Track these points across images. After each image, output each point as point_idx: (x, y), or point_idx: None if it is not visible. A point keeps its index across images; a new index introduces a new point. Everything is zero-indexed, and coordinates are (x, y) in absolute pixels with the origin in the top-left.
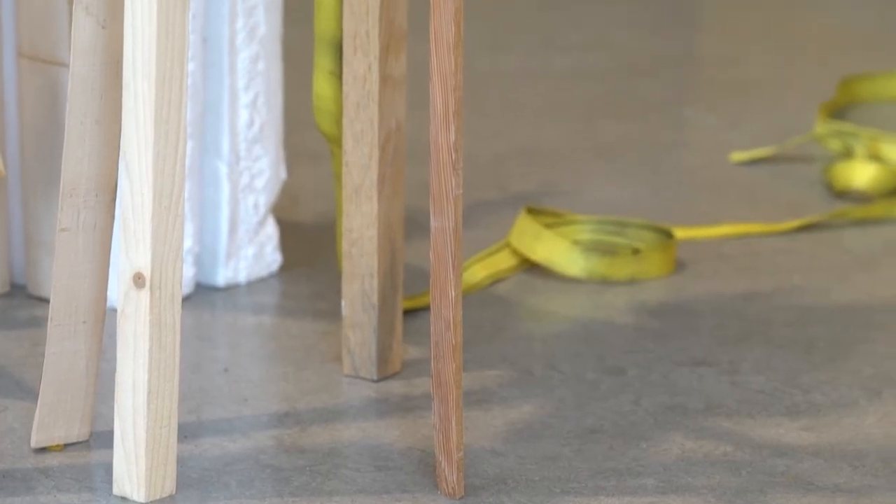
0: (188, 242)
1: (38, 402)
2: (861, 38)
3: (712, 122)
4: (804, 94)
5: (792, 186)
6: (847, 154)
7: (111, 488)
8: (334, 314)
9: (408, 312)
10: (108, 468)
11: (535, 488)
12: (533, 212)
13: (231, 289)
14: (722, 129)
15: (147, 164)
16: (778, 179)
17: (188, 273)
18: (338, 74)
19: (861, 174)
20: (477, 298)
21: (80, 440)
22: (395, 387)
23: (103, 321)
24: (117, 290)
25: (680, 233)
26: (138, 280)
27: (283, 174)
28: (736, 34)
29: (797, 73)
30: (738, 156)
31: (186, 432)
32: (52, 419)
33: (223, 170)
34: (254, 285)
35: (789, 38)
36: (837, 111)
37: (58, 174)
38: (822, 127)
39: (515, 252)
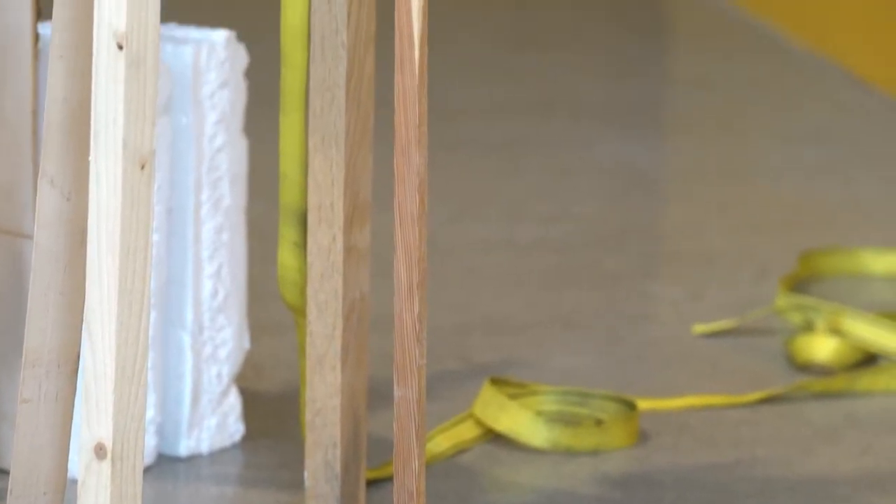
0: (150, 412)
1: None
2: (820, 211)
3: (675, 293)
4: (765, 267)
5: (754, 359)
6: (808, 327)
7: None
8: (297, 484)
9: (371, 483)
10: None
11: None
12: (497, 382)
13: (193, 459)
14: (684, 300)
15: (110, 334)
16: (740, 352)
17: (150, 443)
18: (302, 245)
19: (822, 348)
20: (441, 469)
21: None
22: None
23: (63, 493)
24: (78, 461)
25: (643, 404)
26: (99, 451)
27: (246, 344)
28: (698, 205)
29: (758, 245)
30: (700, 328)
31: None
32: None
33: (186, 340)
34: (216, 455)
35: (750, 210)
36: (798, 284)
37: (20, 345)
38: (782, 300)
39: (479, 422)
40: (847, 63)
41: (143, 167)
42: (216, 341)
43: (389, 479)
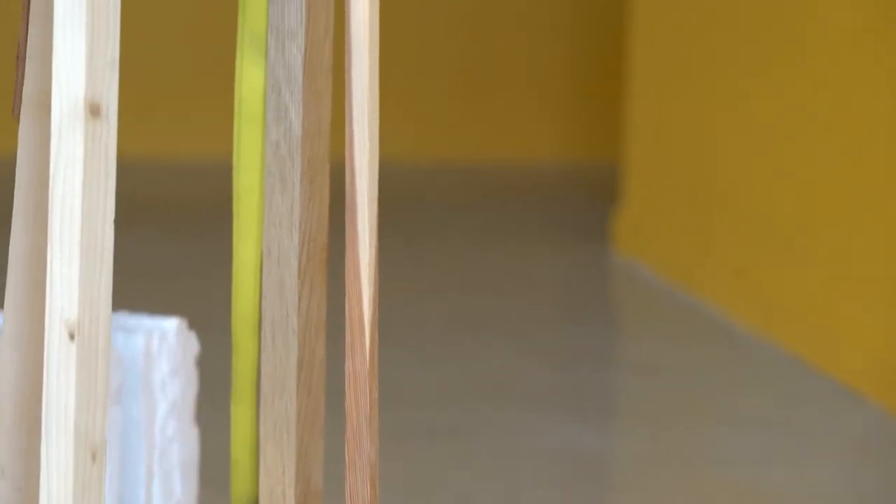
0: None
1: None
2: (773, 500)
3: None
4: None
5: None
6: None
7: None
8: None
9: None
10: None
11: None
12: None
13: None
14: None
15: None
16: None
17: None
18: None
19: None
20: None
21: None
22: None
23: None
24: None
25: None
26: None
27: None
28: (649, 494)
29: None
30: None
31: None
32: None
33: None
34: None
35: (700, 499)
36: None
37: None
38: None
39: None
40: (793, 348)
41: (94, 456)
42: None
43: None
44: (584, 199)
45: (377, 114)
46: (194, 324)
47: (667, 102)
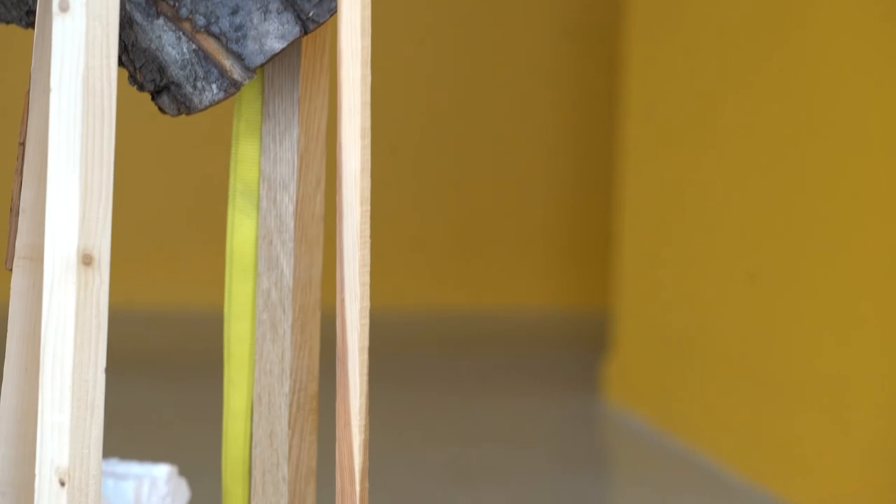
0: None
1: None
2: None
3: None
4: None
5: None
6: None
7: None
8: None
9: None
10: None
11: None
12: None
13: None
14: None
15: None
16: None
17: None
18: None
19: None
20: None
21: None
22: None
23: None
24: None
25: None
26: None
27: None
28: None
29: None
30: None
31: None
32: None
33: None
34: None
35: None
36: None
37: None
38: None
39: None
40: (786, 498)
41: None
42: None
43: None
44: (575, 348)
45: (368, 263)
46: (185, 471)
47: (657, 251)
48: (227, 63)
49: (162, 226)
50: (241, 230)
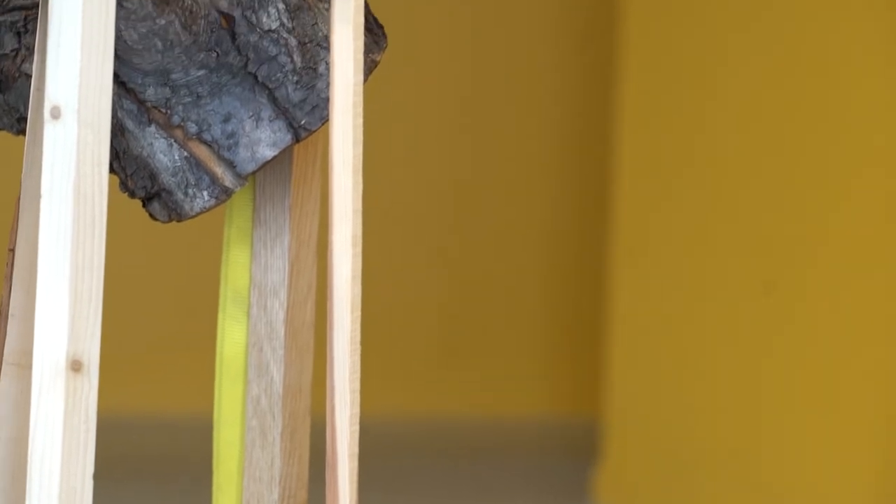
0: None
1: None
2: None
3: None
4: None
5: None
6: None
7: None
8: None
9: None
10: None
11: None
12: None
13: None
14: None
15: None
16: None
17: None
18: None
19: None
20: None
21: None
22: None
23: None
24: None
25: None
26: None
27: None
28: None
29: None
30: None
31: None
32: None
33: None
34: None
35: None
36: None
37: None
38: None
39: None
40: None
41: None
42: None
43: None
44: (565, 454)
45: (358, 370)
46: None
47: (647, 357)
48: (219, 170)
49: (152, 331)
50: (232, 336)
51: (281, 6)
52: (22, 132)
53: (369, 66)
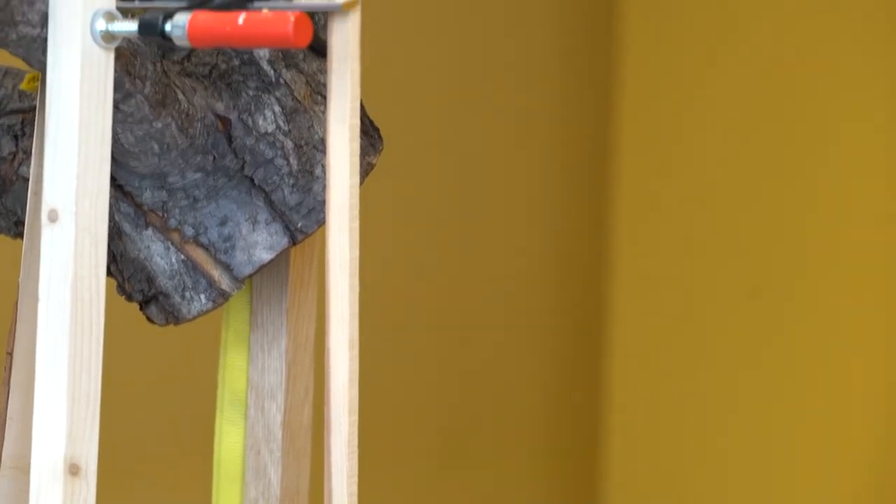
0: None
1: None
2: None
3: None
4: None
5: None
6: None
7: None
8: None
9: None
10: None
11: None
12: None
13: None
14: None
15: None
16: None
17: None
18: None
19: None
20: None
21: None
22: None
23: None
24: None
25: None
26: None
27: None
28: None
29: None
30: None
31: None
32: None
33: None
34: None
35: None
36: None
37: None
38: None
39: None
40: None
41: None
42: None
43: None
44: None
45: (355, 474)
46: None
47: (646, 450)
48: (216, 273)
49: (149, 434)
50: (229, 439)
51: (277, 109)
52: (19, 235)
53: (365, 169)
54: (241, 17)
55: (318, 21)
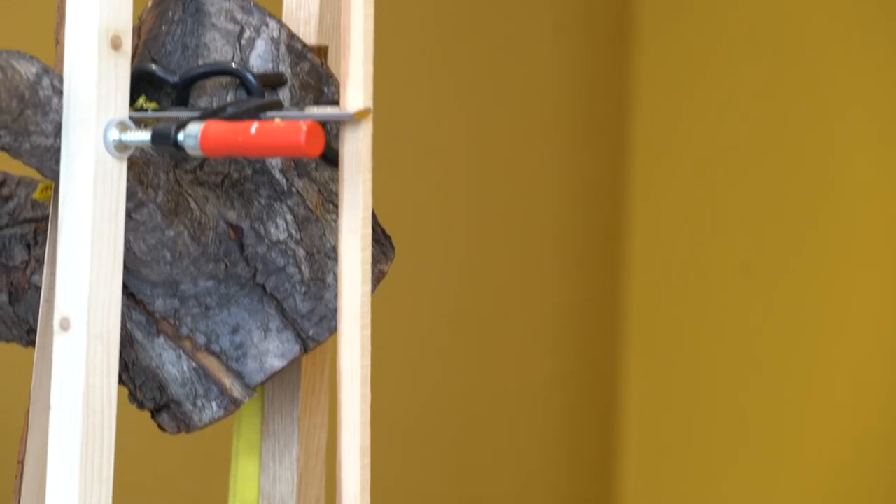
0: None
1: None
2: None
3: None
4: None
5: None
6: None
7: None
8: None
9: None
10: None
11: None
12: None
13: None
14: None
15: None
16: None
17: None
18: None
19: None
20: None
21: None
22: None
23: None
24: None
25: None
26: None
27: None
28: None
29: None
30: None
31: None
32: None
33: None
34: None
35: None
36: None
37: None
38: None
39: None
40: None
41: None
42: None
43: None
44: None
45: None
46: None
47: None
48: (228, 381)
49: None
50: None
51: (289, 217)
52: (31, 344)
53: (377, 277)
54: (254, 127)
55: (331, 130)
